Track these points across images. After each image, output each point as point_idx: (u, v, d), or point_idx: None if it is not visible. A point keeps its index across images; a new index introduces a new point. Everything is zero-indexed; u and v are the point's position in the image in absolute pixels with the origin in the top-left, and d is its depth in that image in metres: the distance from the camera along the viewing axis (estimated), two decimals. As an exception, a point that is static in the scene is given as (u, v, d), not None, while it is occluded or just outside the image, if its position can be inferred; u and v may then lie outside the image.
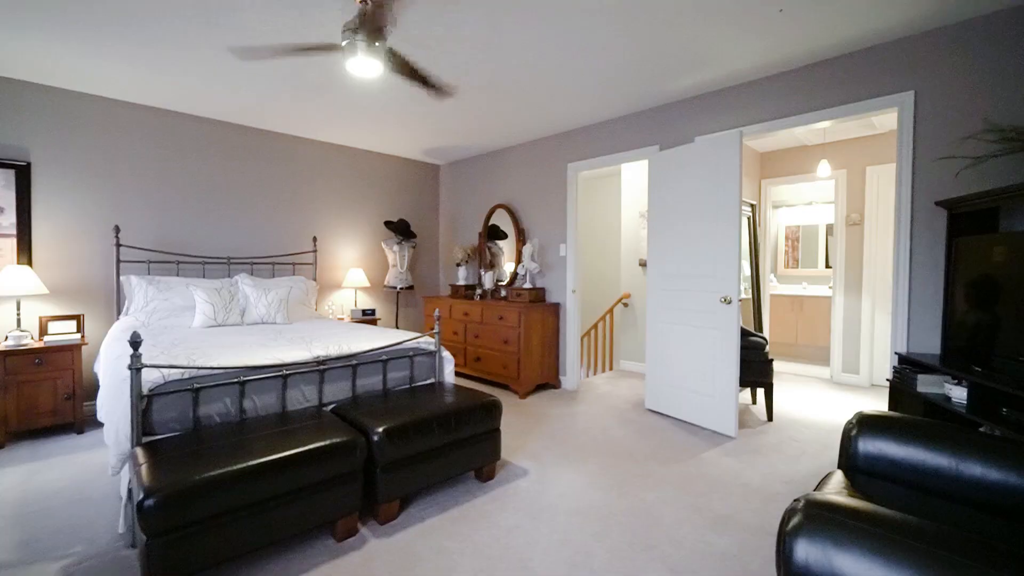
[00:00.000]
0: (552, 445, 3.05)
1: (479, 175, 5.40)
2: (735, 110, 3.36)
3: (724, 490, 2.45)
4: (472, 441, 2.44)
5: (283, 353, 2.41)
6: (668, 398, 3.61)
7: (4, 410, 2.96)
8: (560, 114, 3.99)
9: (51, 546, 1.93)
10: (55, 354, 3.13)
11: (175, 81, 3.33)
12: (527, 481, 2.54)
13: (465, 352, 4.70)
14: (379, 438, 2.08)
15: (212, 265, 4.15)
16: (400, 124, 4.29)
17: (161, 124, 3.90)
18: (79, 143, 3.56)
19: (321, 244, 4.87)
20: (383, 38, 2.28)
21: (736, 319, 3.13)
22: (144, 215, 3.84)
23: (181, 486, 1.56)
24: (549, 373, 4.44)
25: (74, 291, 3.56)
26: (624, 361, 5.44)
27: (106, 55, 2.93)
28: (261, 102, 3.74)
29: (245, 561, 1.84)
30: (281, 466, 1.78)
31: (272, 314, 3.68)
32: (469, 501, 2.33)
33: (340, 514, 1.96)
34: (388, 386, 2.72)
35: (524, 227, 4.87)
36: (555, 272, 4.58)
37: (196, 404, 2.04)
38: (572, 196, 4.42)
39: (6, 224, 3.31)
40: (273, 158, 4.53)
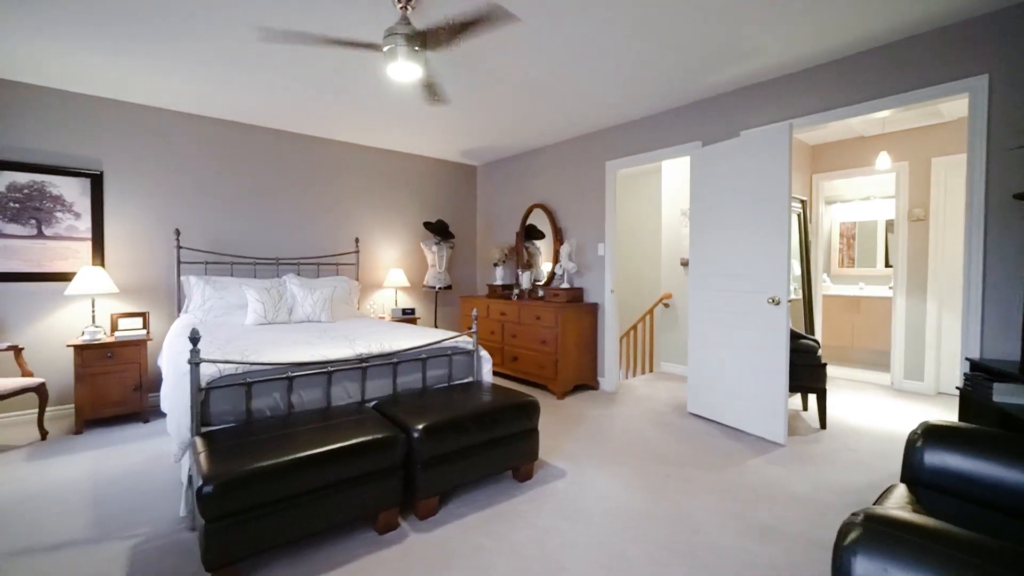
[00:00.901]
0: (590, 447, 3.02)
1: (516, 175, 5.41)
2: (784, 102, 3.21)
3: (771, 499, 2.35)
4: (509, 440, 2.45)
5: (328, 350, 2.50)
6: (711, 402, 3.49)
7: (80, 400, 3.23)
8: (598, 112, 3.93)
9: (121, 526, 2.08)
10: (124, 349, 3.38)
11: (228, 92, 3.52)
12: (564, 482, 2.53)
13: (502, 352, 4.72)
14: (419, 435, 2.12)
15: (262, 266, 4.36)
16: (438, 126, 4.36)
17: (216, 133, 4.14)
18: (145, 153, 3.83)
19: (363, 245, 5.02)
20: (424, 43, 2.32)
21: (785, 321, 2.98)
22: (201, 218, 4.08)
23: (236, 475, 1.65)
24: (587, 374, 4.39)
25: (140, 290, 3.84)
26: (665, 363, 5.31)
27: (169, 71, 3.13)
28: (307, 109, 3.90)
29: (293, 548, 1.92)
30: (326, 459, 1.85)
31: (317, 313, 3.82)
32: (506, 500, 2.33)
33: (381, 508, 2.02)
34: (427, 384, 2.77)
35: (561, 227, 4.83)
36: (593, 272, 4.52)
37: (249, 398, 2.15)
38: (610, 195, 4.35)
39: (82, 228, 3.60)
40: (318, 162, 4.71)
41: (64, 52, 2.89)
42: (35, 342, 3.44)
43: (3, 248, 3.33)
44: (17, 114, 3.36)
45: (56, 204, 3.50)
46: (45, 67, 3.11)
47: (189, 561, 1.83)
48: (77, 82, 3.36)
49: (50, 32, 2.64)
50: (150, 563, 1.82)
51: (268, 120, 4.20)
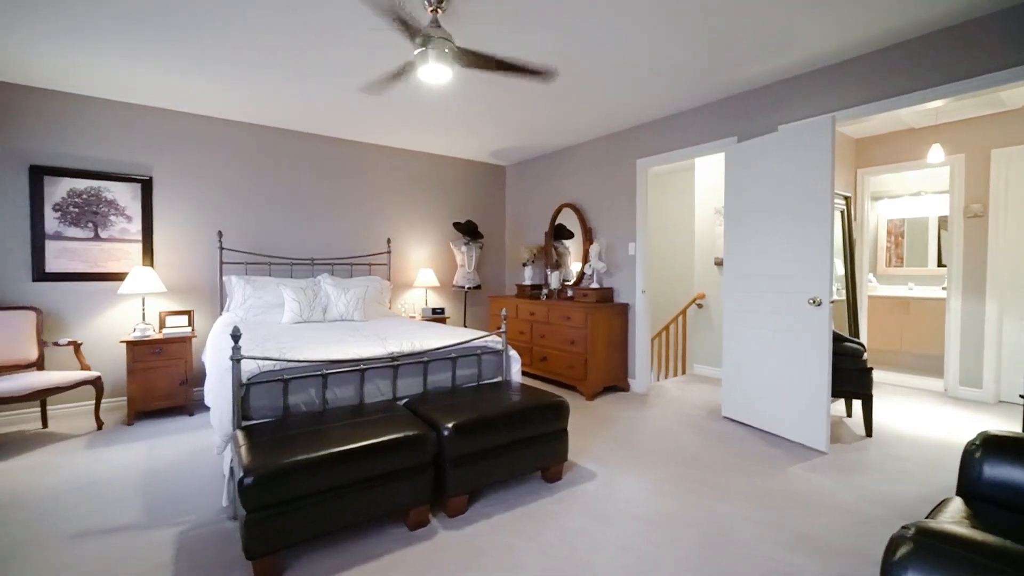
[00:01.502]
0: (620, 449, 2.97)
1: (545, 175, 5.40)
2: (825, 94, 3.07)
3: (811, 509, 2.25)
4: (539, 441, 2.44)
5: (361, 349, 2.56)
6: (747, 406, 3.38)
7: (132, 393, 3.42)
8: (628, 109, 3.87)
9: (169, 513, 2.19)
10: (171, 345, 3.56)
11: (268, 99, 3.65)
12: (594, 484, 2.50)
13: (531, 352, 4.71)
14: (449, 433, 2.14)
15: (298, 266, 4.50)
16: (467, 127, 4.39)
17: (256, 138, 4.30)
18: (190, 158, 4.02)
19: (394, 245, 5.11)
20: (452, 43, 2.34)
21: (827, 322, 2.85)
22: (242, 221, 4.25)
23: (275, 467, 1.71)
24: (617, 375, 4.33)
25: (186, 289, 4.03)
26: (698, 365, 5.18)
27: (214, 82, 3.27)
28: (341, 113, 4.00)
29: (328, 540, 1.97)
30: (360, 455, 1.89)
31: (350, 312, 3.92)
32: (535, 501, 2.33)
33: (412, 504, 2.05)
34: (456, 383, 2.80)
35: (591, 226, 4.78)
36: (624, 272, 4.45)
37: (286, 393, 2.23)
38: (642, 193, 4.28)
39: (133, 231, 3.81)
40: (351, 165, 4.83)
41: (119, 66, 3.06)
42: (92, 338, 3.66)
43: (64, 250, 3.56)
44: (77, 125, 3.59)
45: (110, 208, 3.72)
46: (102, 80, 3.31)
47: (231, 549, 1.91)
48: (130, 93, 3.56)
49: (108, 48, 2.81)
50: (196, 550, 1.91)
51: (305, 125, 4.33)
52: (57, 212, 3.53)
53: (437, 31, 2.27)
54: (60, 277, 3.55)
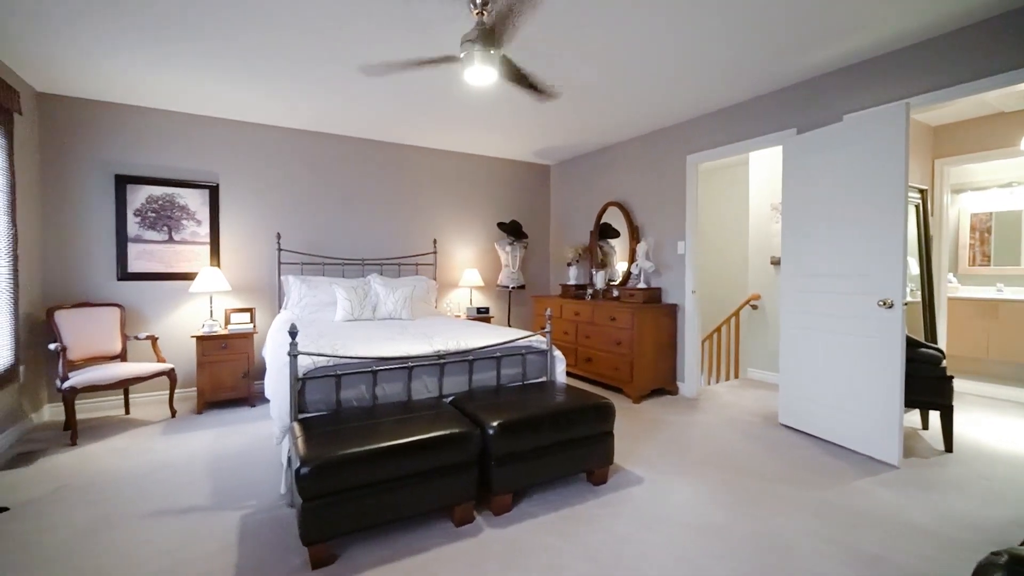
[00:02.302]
0: (668, 454, 2.88)
1: (590, 173, 5.32)
2: (898, 79, 2.84)
3: (880, 527, 2.08)
4: (584, 443, 2.41)
5: (408, 347, 2.62)
6: (808, 414, 3.18)
7: (201, 384, 3.68)
8: (678, 103, 3.74)
9: (233, 498, 2.34)
10: (235, 340, 3.79)
11: (321, 108, 3.82)
12: (641, 489, 2.43)
13: (576, 352, 4.66)
14: (494, 431, 2.15)
15: (349, 266, 4.68)
16: (512, 127, 4.41)
17: (311, 145, 4.51)
18: (252, 165, 4.27)
19: (440, 246, 5.21)
20: (499, 46, 2.35)
21: (899, 326, 2.64)
22: (298, 223, 4.47)
23: (329, 459, 1.78)
24: (665, 378, 4.20)
25: (248, 288, 4.29)
26: (752, 369, 4.93)
27: (275, 93, 3.46)
28: (388, 118, 4.12)
29: (378, 532, 2.03)
30: (408, 450, 1.94)
31: (398, 310, 4.03)
32: (580, 503, 2.29)
33: (457, 500, 2.07)
34: (501, 382, 2.81)
35: (638, 225, 4.67)
36: (672, 271, 4.32)
37: (338, 388, 2.32)
38: (692, 190, 4.13)
39: (202, 234, 4.10)
40: (398, 167, 4.96)
41: (191, 81, 3.30)
42: (166, 333, 3.97)
43: (143, 251, 3.88)
44: (154, 136, 3.90)
45: (183, 213, 4.02)
46: (176, 94, 3.58)
47: (288, 534, 2.01)
48: (200, 106, 3.83)
49: (182, 64, 3.03)
50: (257, 533, 2.02)
51: (355, 130, 4.50)
52: (137, 217, 3.85)
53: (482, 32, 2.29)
54: (140, 277, 3.87)
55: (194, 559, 1.85)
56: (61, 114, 3.61)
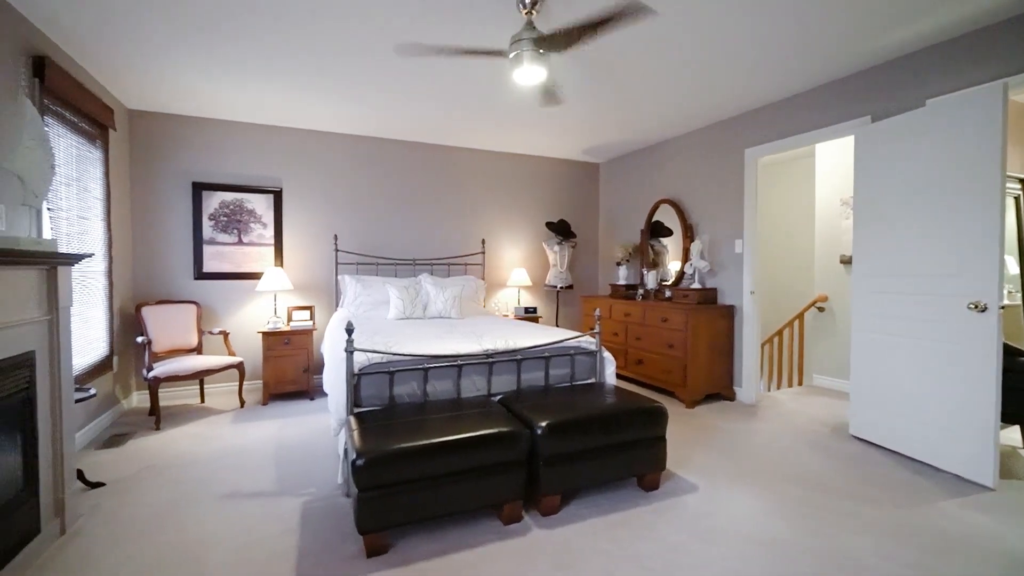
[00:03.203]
0: (725, 462, 2.75)
1: (640, 170, 5.19)
2: (993, 57, 2.55)
3: (971, 553, 1.88)
4: (634, 446, 2.34)
5: (458, 345, 2.66)
6: (884, 425, 2.93)
7: (266, 377, 3.92)
8: (736, 95, 3.57)
9: (295, 484, 2.47)
10: (297, 336, 4.01)
11: (376, 113, 3.96)
12: (695, 498, 2.33)
13: (626, 354, 4.55)
14: (542, 432, 2.13)
15: (401, 266, 4.82)
16: (560, 126, 4.37)
17: (366, 149, 4.69)
18: (312, 170, 4.50)
19: (488, 246, 5.26)
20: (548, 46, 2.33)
21: (995, 331, 2.37)
22: (354, 225, 4.66)
23: (384, 452, 1.84)
24: (720, 382, 4.02)
25: (308, 287, 4.52)
26: (818, 376, 4.62)
27: (331, 99, 3.63)
28: (439, 121, 4.21)
29: (428, 526, 2.07)
30: (458, 447, 1.96)
31: (448, 309, 4.10)
32: (631, 508, 2.23)
33: (506, 499, 2.08)
34: (549, 382, 2.79)
35: (692, 222, 4.50)
36: (729, 271, 4.12)
37: (392, 384, 2.39)
38: (751, 185, 3.92)
39: (268, 236, 4.36)
40: (448, 169, 5.06)
41: (258, 93, 3.52)
42: (236, 328, 4.26)
43: (216, 253, 4.19)
44: (226, 146, 4.20)
45: (250, 217, 4.29)
46: (244, 106, 3.83)
47: (345, 522, 2.09)
48: (266, 116, 4.08)
49: (250, 78, 3.24)
50: (317, 519, 2.12)
51: (408, 134, 4.64)
52: (211, 221, 4.16)
53: (532, 32, 2.29)
54: (213, 276, 4.18)
55: (262, 539, 1.97)
56: (148, 129, 3.96)
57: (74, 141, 3.00)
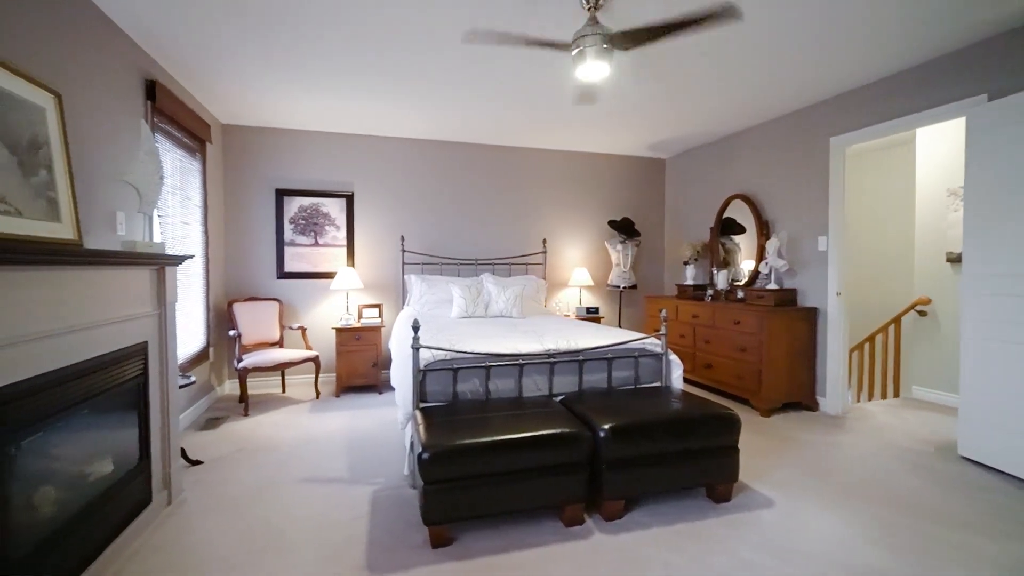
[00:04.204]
0: (805, 477, 2.54)
1: (710, 165, 4.92)
2: None
3: (1125, 603, 1.59)
4: (704, 455, 2.23)
5: (519, 344, 2.67)
6: (1002, 446, 2.57)
7: (339, 370, 4.16)
8: (821, 79, 3.28)
9: (365, 473, 2.59)
10: (367, 333, 4.22)
11: (440, 117, 4.07)
12: (772, 513, 2.17)
13: (693, 357, 4.35)
14: (605, 434, 2.08)
15: (464, 266, 4.93)
16: (623, 122, 4.25)
17: (430, 152, 4.84)
18: (380, 174, 4.72)
19: (549, 245, 5.23)
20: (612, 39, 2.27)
21: None
22: (419, 226, 4.83)
23: (448, 447, 1.89)
24: (800, 391, 3.72)
25: (376, 286, 4.74)
26: (918, 387, 4.15)
27: (399, 106, 3.78)
28: (502, 122, 4.25)
29: (491, 522, 2.09)
30: (519, 445, 1.97)
31: (509, 309, 4.13)
32: (700, 520, 2.12)
33: (567, 501, 2.05)
34: (612, 384, 2.72)
35: (768, 219, 4.20)
36: (810, 270, 3.80)
37: (455, 381, 2.44)
38: (837, 177, 3.59)
39: (340, 238, 4.63)
40: (510, 169, 5.09)
41: (332, 103, 3.74)
42: (312, 324, 4.56)
43: (296, 254, 4.51)
44: (303, 154, 4.51)
45: (325, 220, 4.58)
46: (320, 116, 4.09)
47: (411, 512, 2.17)
48: (339, 125, 4.34)
49: (324, 89, 3.45)
50: (385, 508, 2.22)
51: (471, 136, 4.73)
52: (291, 224, 4.49)
53: (596, 28, 2.24)
54: (293, 275, 4.50)
55: (336, 523, 2.09)
56: (238, 141, 4.35)
57: (178, 154, 3.36)
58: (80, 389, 1.65)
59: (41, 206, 1.79)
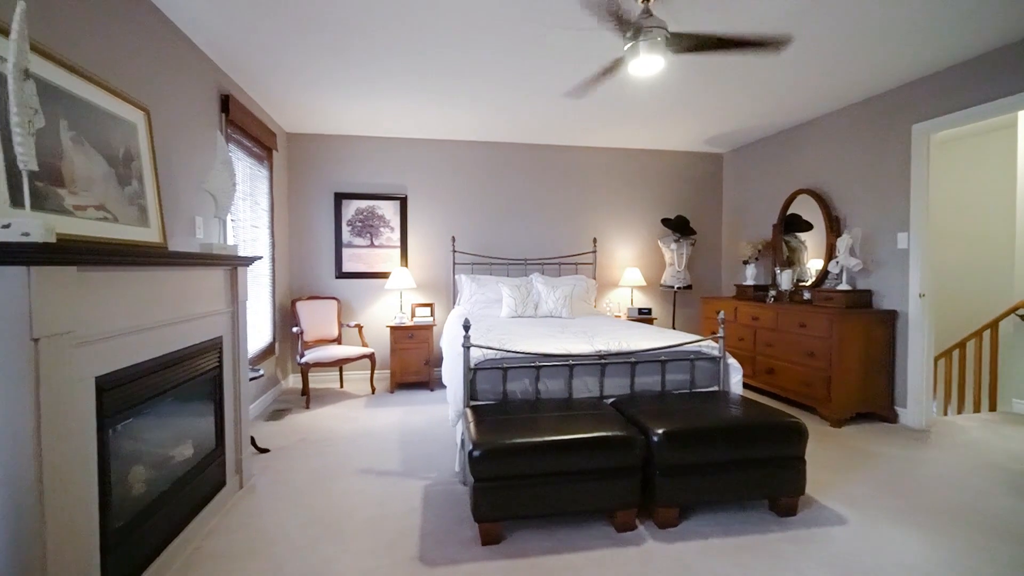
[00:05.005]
0: (884, 495, 2.33)
1: (773, 158, 4.65)
2: None
3: None
4: (766, 465, 2.10)
5: (569, 344, 2.64)
6: (1124, 470, 2.24)
7: (393, 367, 4.30)
8: (902, 61, 3.00)
9: (417, 468, 2.66)
10: (419, 331, 4.33)
11: (490, 118, 4.11)
12: (844, 532, 2.02)
13: (753, 362, 4.12)
14: (658, 439, 2.02)
15: (513, 265, 4.94)
16: (679, 116, 4.10)
17: (480, 153, 4.90)
18: (432, 176, 4.83)
19: (600, 244, 5.15)
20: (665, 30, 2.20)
21: None
22: (469, 226, 4.90)
23: (498, 446, 1.90)
24: (877, 400, 3.43)
25: (428, 285, 4.86)
26: (1019, 400, 3.71)
27: (450, 108, 3.85)
28: (551, 121, 4.22)
29: (541, 523, 2.08)
30: (570, 447, 1.94)
31: (559, 309, 4.10)
32: (761, 534, 2.01)
33: (618, 505, 2.00)
34: (666, 387, 2.63)
35: (838, 214, 3.91)
36: (888, 270, 3.50)
37: (505, 380, 2.45)
38: (920, 168, 3.28)
39: (395, 239, 4.79)
40: (559, 168, 5.05)
41: (387, 109, 3.88)
42: (368, 322, 4.74)
43: (353, 255, 4.71)
44: (360, 158, 4.70)
45: (380, 222, 4.75)
46: (375, 121, 4.25)
47: (461, 508, 2.20)
48: (393, 130, 4.49)
49: (380, 95, 3.58)
50: (437, 503, 2.26)
51: (520, 136, 4.74)
52: (349, 226, 4.69)
53: (650, 20, 2.17)
54: (350, 275, 4.71)
55: (391, 515, 2.16)
56: (301, 148, 4.60)
57: (248, 163, 3.60)
58: (166, 379, 1.80)
59: (133, 213, 1.97)
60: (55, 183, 1.57)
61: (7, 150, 1.37)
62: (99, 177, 1.79)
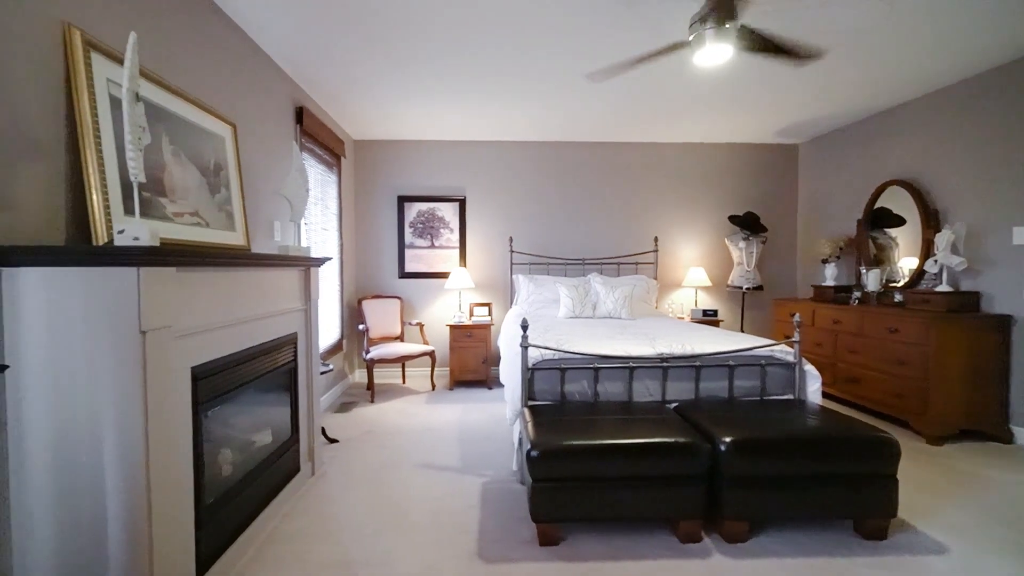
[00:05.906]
0: (991, 523, 2.06)
1: (856, 147, 4.26)
2: None
3: None
4: (850, 482, 1.93)
5: (629, 346, 2.57)
6: None
7: (453, 365, 4.40)
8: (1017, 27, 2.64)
9: (476, 465, 2.70)
10: (477, 330, 4.40)
11: (548, 118, 4.09)
12: (943, 562, 1.80)
13: (834, 369, 3.80)
14: (726, 448, 1.91)
15: (571, 266, 4.89)
16: (747, 107, 3.86)
17: (538, 153, 4.89)
18: (490, 178, 4.89)
19: (661, 243, 4.97)
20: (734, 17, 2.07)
21: None
22: (527, 226, 4.91)
23: (557, 447, 1.88)
24: (985, 417, 3.04)
25: (486, 285, 4.92)
26: None
27: (509, 109, 3.89)
28: (610, 118, 4.13)
29: (600, 528, 2.03)
30: (630, 451, 1.89)
31: (618, 309, 4.00)
32: (844, 557, 1.84)
33: (681, 515, 1.92)
34: (734, 394, 2.49)
35: (936, 207, 3.51)
36: (998, 269, 3.09)
37: (563, 381, 2.43)
38: (1041, 151, 2.87)
39: (454, 240, 4.90)
40: (618, 166, 4.93)
41: (447, 113, 3.98)
42: (429, 321, 4.89)
43: (415, 255, 4.88)
44: (422, 162, 4.86)
45: (440, 223, 4.88)
46: (435, 126, 4.37)
47: (519, 507, 2.21)
48: (453, 133, 4.60)
49: (441, 101, 3.68)
50: (495, 500, 2.29)
51: (578, 135, 4.68)
52: (411, 228, 4.86)
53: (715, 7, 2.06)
54: (412, 275, 4.88)
55: (450, 510, 2.21)
56: (367, 154, 4.83)
57: (319, 169, 3.83)
58: (249, 371, 1.96)
59: (222, 218, 2.16)
60: (158, 193, 1.75)
61: (120, 164, 1.55)
62: (194, 186, 1.97)
